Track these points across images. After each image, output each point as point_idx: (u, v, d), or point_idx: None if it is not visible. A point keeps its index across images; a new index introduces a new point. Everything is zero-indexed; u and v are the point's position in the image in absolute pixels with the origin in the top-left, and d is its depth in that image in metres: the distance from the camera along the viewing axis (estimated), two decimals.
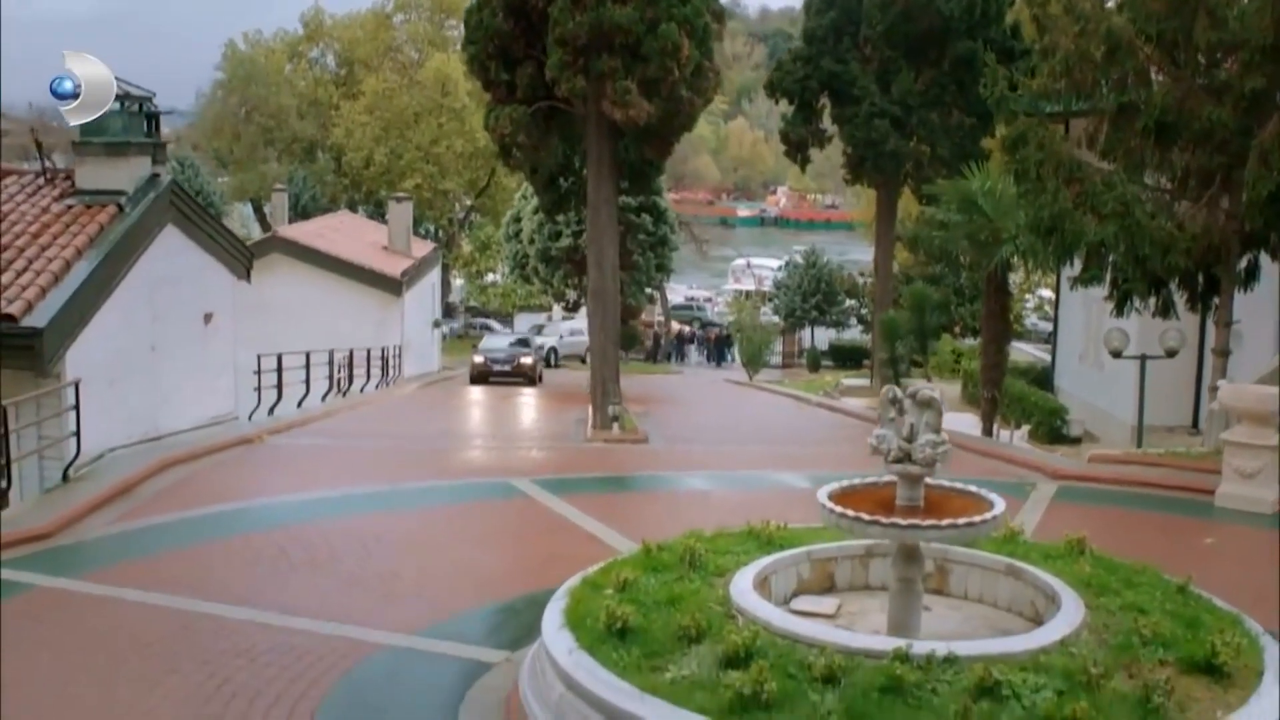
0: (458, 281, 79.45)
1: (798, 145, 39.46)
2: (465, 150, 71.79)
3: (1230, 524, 14.01)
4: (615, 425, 24.12)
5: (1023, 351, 39.68)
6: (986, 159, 30.59)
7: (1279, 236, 18.75)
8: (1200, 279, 19.63)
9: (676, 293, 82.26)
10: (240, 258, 23.57)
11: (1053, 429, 27.78)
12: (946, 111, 36.08)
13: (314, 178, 76.33)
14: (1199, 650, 7.64)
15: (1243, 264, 19.31)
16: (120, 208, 18.69)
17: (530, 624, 9.17)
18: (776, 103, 41.87)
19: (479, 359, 44.15)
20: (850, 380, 45.78)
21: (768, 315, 68.51)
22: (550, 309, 66.01)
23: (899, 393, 8.53)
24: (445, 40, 78.64)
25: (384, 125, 72.90)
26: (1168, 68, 18.62)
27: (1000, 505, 8.43)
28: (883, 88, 36.59)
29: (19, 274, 16.56)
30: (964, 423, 27.15)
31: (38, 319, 15.91)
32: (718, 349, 66.80)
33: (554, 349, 57.78)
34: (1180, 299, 19.99)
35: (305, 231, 47.28)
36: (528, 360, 44.23)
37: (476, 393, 39.09)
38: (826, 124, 39.94)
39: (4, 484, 14.08)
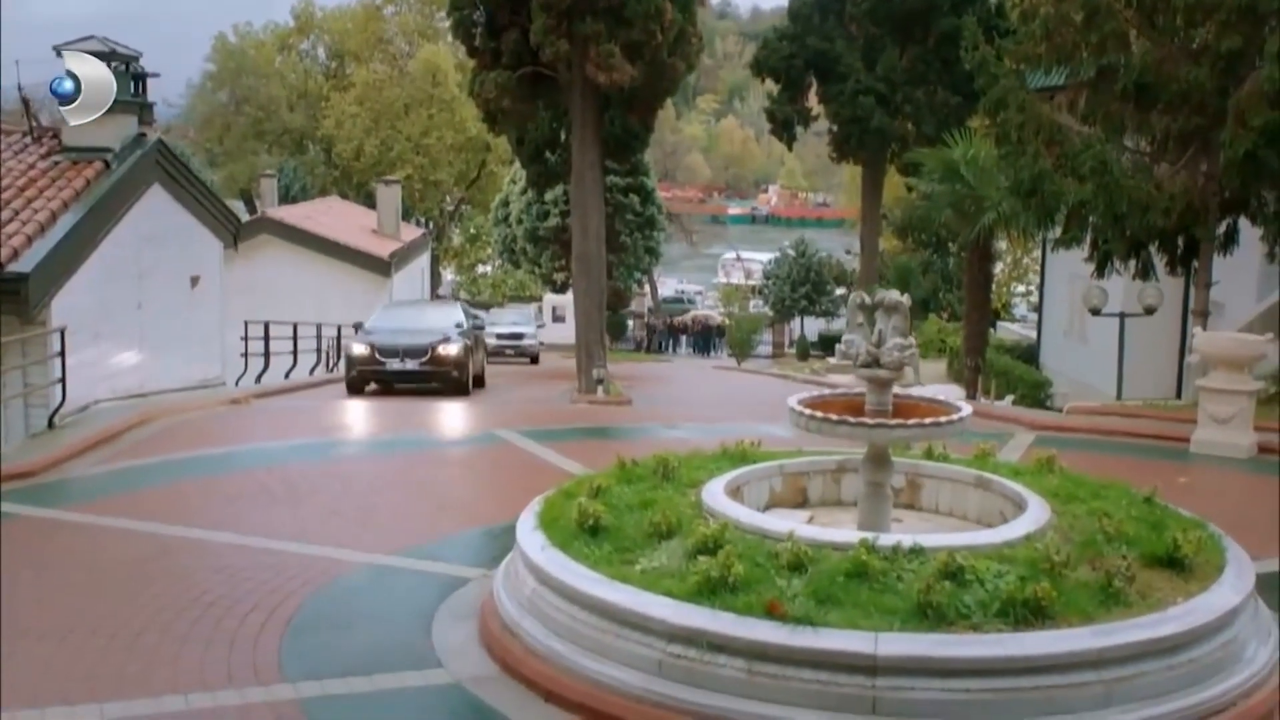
0: (448, 275, 79.54)
1: (784, 123, 39.62)
2: (455, 141, 71.86)
3: (1205, 466, 14.16)
4: (600, 389, 24.28)
5: (1009, 330, 39.90)
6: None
7: (1258, 200, 18.94)
8: (1179, 242, 19.77)
9: (667, 286, 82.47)
10: (227, 225, 23.72)
11: (1037, 401, 27.94)
12: (931, 89, 36.28)
13: (304, 169, 76.37)
14: (1161, 547, 7.77)
15: (1222, 228, 19.47)
16: (107, 164, 18.78)
17: (507, 546, 9.26)
18: (763, 81, 41.98)
19: (359, 349, 26.13)
20: (838, 360, 45.82)
21: (758, 306, 68.71)
22: (540, 299, 65.95)
23: (867, 298, 8.65)
24: (435, 32, 78.68)
25: (374, 117, 72.95)
26: (1146, 30, 18.75)
27: (967, 409, 8.56)
28: (868, 65, 36.77)
29: (5, 224, 16.64)
30: (949, 392, 27.25)
31: (23, 265, 16.02)
32: (705, 339, 66.94)
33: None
34: (1160, 262, 20.14)
35: (294, 214, 47.29)
36: (450, 351, 26.10)
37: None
38: (812, 103, 40.08)
39: None
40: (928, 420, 8.32)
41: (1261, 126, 17.17)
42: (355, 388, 25.69)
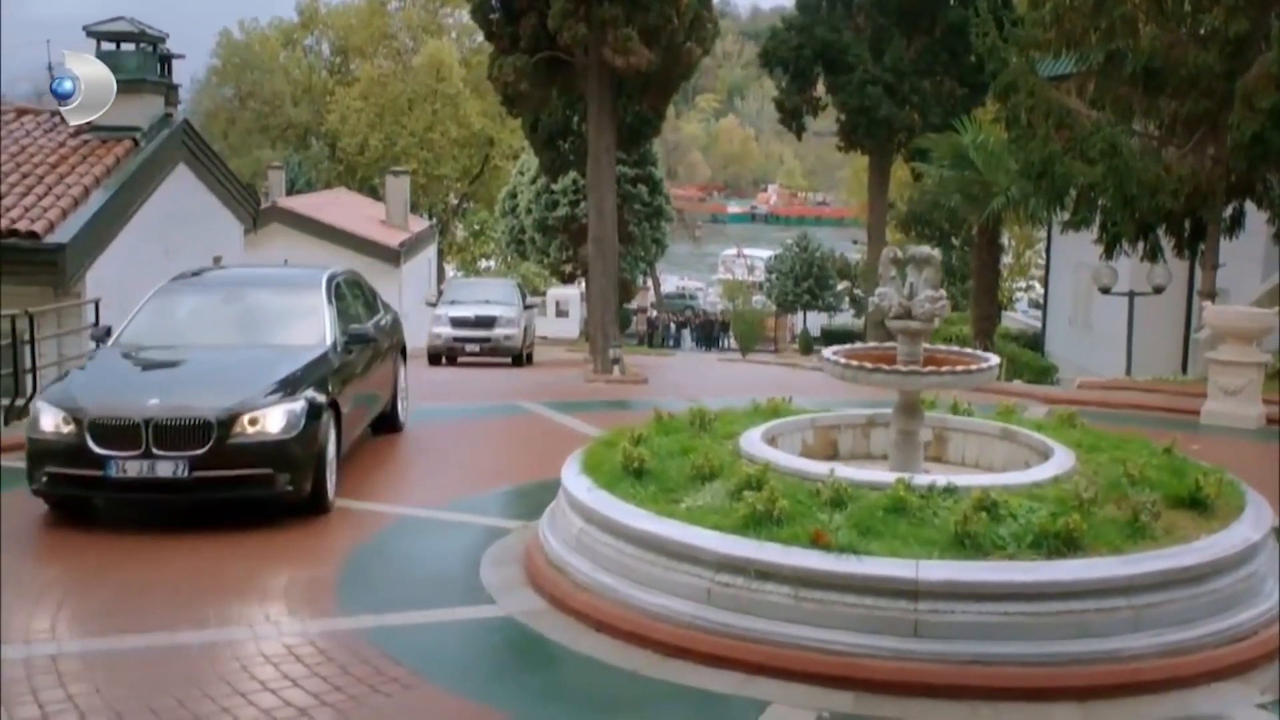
0: (450, 270, 79.75)
1: (792, 113, 39.92)
2: (459, 136, 72.08)
3: (1216, 436, 14.48)
4: (616, 368, 24.56)
5: (1014, 319, 40.23)
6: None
7: (1264, 184, 19.29)
8: (1187, 224, 20.10)
9: (669, 283, 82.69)
10: (247, 206, 24.04)
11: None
12: (938, 80, 36.60)
13: (309, 163, 76.59)
14: (1183, 489, 8.11)
15: (1228, 211, 19.81)
16: (135, 142, 19.13)
17: (543, 502, 9.58)
18: (771, 72, 42.29)
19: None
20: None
21: (760, 301, 68.90)
22: (544, 293, 65.90)
23: (899, 252, 8.99)
24: (439, 27, 79.01)
25: (378, 111, 73.15)
26: (1154, 16, 19.06)
27: (994, 359, 8.92)
28: (875, 55, 37.09)
29: (40, 197, 17.01)
30: None
31: (60, 236, 16.38)
32: (709, 333, 67.20)
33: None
34: (1168, 244, 20.48)
35: (304, 204, 47.59)
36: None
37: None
38: (820, 93, 40.38)
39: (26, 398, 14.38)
40: (959, 368, 8.66)
41: (1269, 110, 17.50)
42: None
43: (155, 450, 9.55)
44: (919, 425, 9.05)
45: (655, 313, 70.48)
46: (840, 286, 66.32)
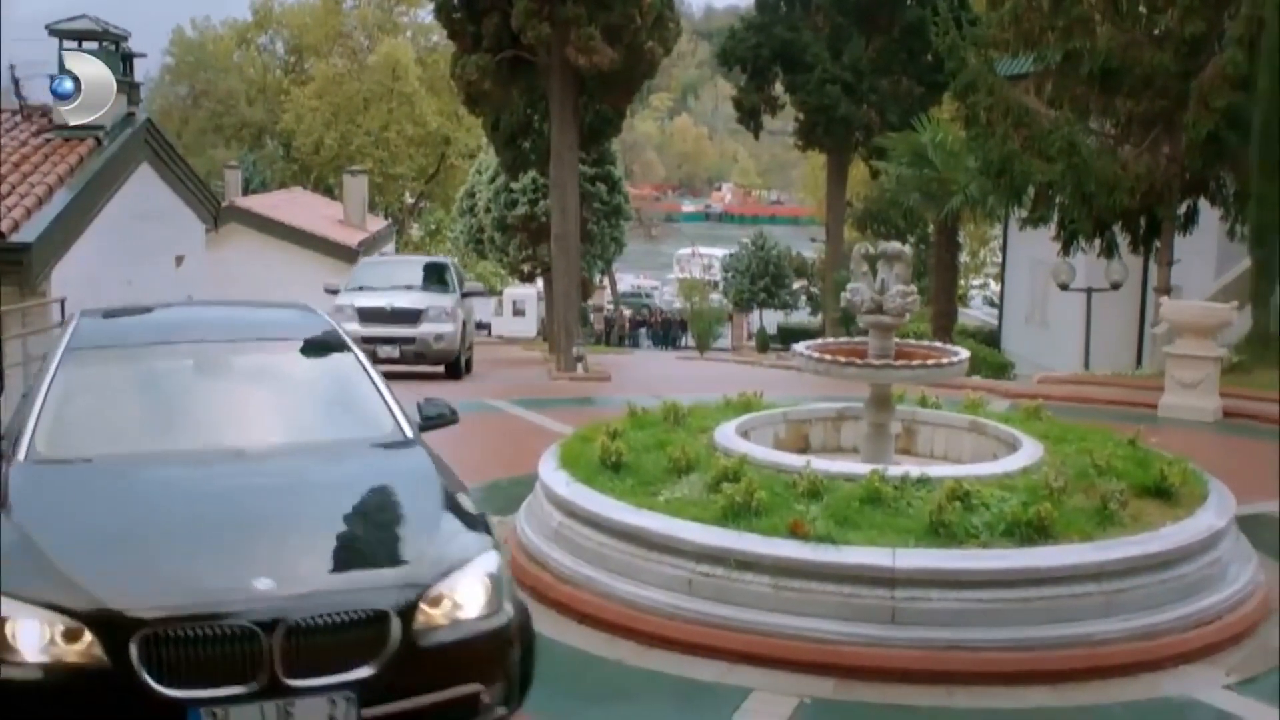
0: None
1: (750, 112, 40.12)
2: (415, 136, 71.91)
3: (1174, 428, 14.72)
4: (580, 366, 24.64)
5: (971, 316, 40.61)
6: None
7: (1217, 182, 19.65)
8: (1143, 221, 20.42)
9: (625, 281, 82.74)
10: (208, 205, 24.00)
11: None
12: (896, 79, 36.85)
13: (263, 162, 76.21)
14: (1149, 478, 8.32)
15: (1183, 208, 20.16)
16: (99, 141, 19.09)
17: (518, 497, 9.66)
18: (729, 71, 42.49)
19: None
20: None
21: (717, 300, 69.12)
22: (501, 294, 65.60)
23: (870, 248, 9.16)
24: (395, 26, 78.81)
25: (333, 110, 72.84)
26: (1111, 16, 19.37)
27: (964, 353, 9.11)
28: (834, 55, 37.29)
29: (4, 197, 16.97)
30: None
31: (25, 235, 16.34)
32: (666, 332, 67.34)
33: None
34: (1124, 241, 20.80)
35: (261, 203, 47.42)
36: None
37: None
38: (778, 92, 40.55)
39: None
40: (929, 362, 8.85)
41: (1223, 109, 17.86)
42: None
43: (288, 679, 5.01)
44: (890, 418, 9.23)
45: (613, 310, 70.60)
46: (797, 285, 66.63)
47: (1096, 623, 7.13)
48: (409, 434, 7.00)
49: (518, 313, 57.68)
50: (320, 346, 7.79)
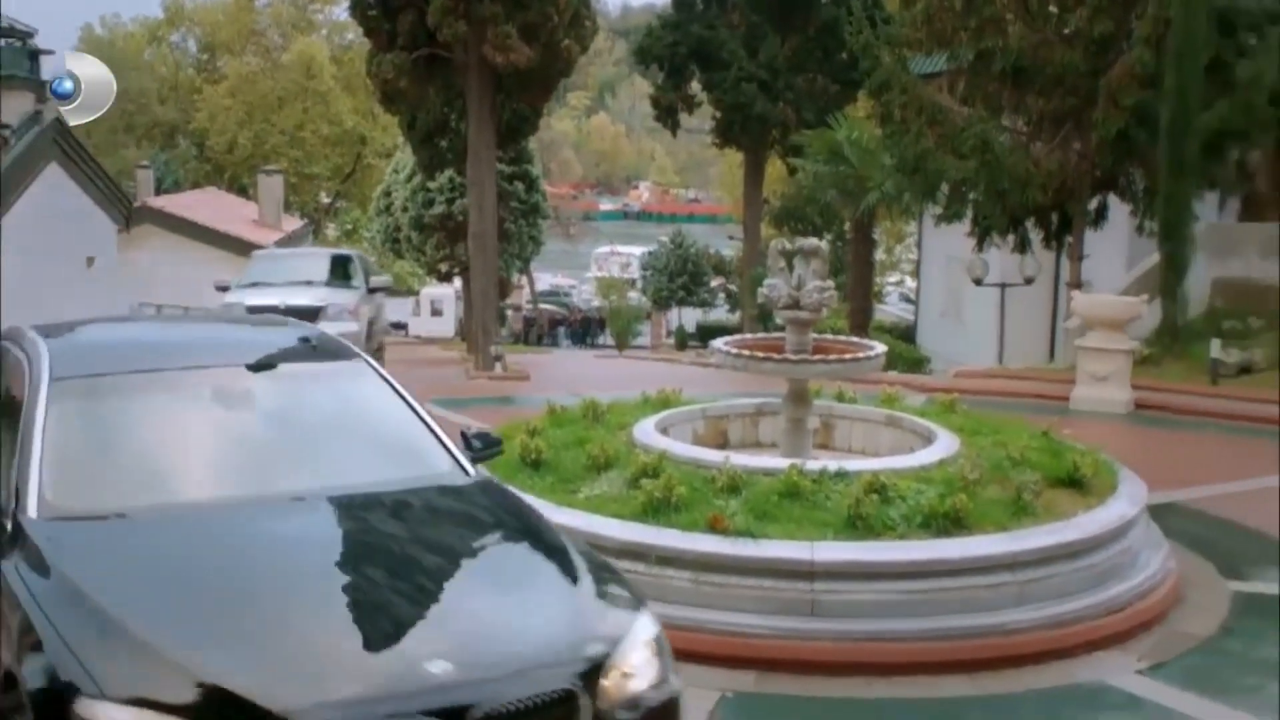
0: None
1: (667, 110, 40.14)
2: (331, 135, 71.29)
3: (1086, 420, 14.97)
4: (498, 365, 24.52)
5: (887, 312, 40.98)
6: None
7: (1127, 178, 20.01)
8: (1054, 217, 20.73)
9: (543, 280, 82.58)
10: (120, 206, 23.66)
11: None
12: (811, 77, 37.03)
13: (176, 162, 75.17)
14: (1062, 469, 8.46)
15: (1094, 204, 20.51)
16: (5, 140, 18.76)
17: None
18: (646, 69, 42.52)
19: None
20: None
21: (636, 298, 69.20)
22: (418, 293, 65.04)
23: (787, 244, 9.22)
24: (310, 24, 78.11)
25: (247, 109, 71.98)
26: (1022, 16, 19.64)
27: (881, 347, 9.19)
28: (750, 53, 37.38)
29: None
30: None
31: None
32: (585, 331, 67.30)
33: None
34: (1036, 237, 21.11)
35: (175, 203, 46.80)
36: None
37: None
38: (695, 90, 40.59)
39: None
40: (846, 356, 8.92)
41: (1132, 107, 18.20)
42: None
43: None
44: (808, 413, 9.29)
45: (531, 309, 70.46)
46: (715, 283, 66.85)
47: (1011, 612, 7.26)
48: (472, 471, 6.11)
49: (435, 312, 57.35)
50: (341, 369, 6.68)
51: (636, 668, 4.68)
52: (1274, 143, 18.81)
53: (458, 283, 49.26)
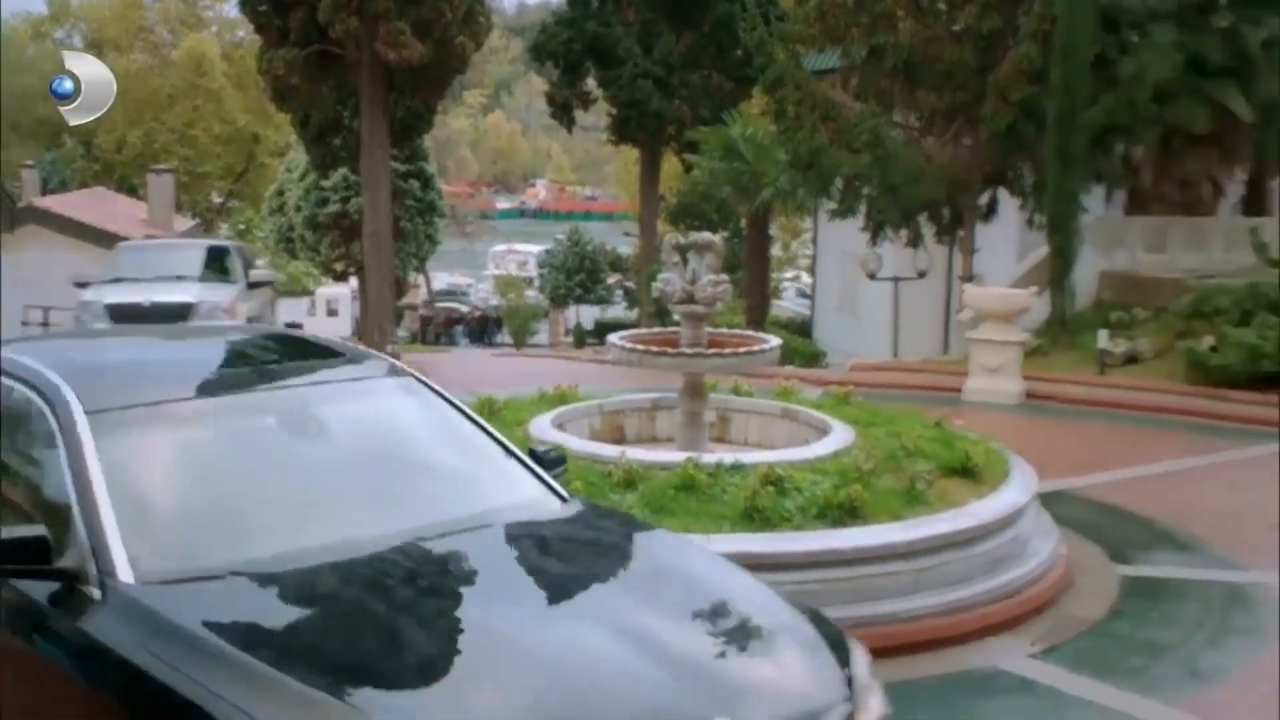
0: None
1: (563, 107, 40.07)
2: (223, 133, 70.26)
3: (978, 410, 15.17)
4: None
5: (783, 307, 41.26)
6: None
7: (1015, 173, 20.35)
8: (946, 212, 21.03)
9: (440, 279, 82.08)
10: (1, 206, 23.08)
11: None
12: (706, 73, 37.15)
13: (63, 162, 73.65)
14: (955, 459, 8.56)
15: (984, 198, 20.84)
16: None
17: None
18: (541, 66, 42.42)
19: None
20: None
21: (533, 296, 69.07)
22: (314, 293, 64.31)
23: (681, 239, 9.23)
24: (200, 20, 76.92)
25: (136, 107, 70.56)
26: (913, 12, 19.91)
27: (775, 340, 9.25)
28: (645, 49, 37.43)
29: None
30: None
31: None
32: (483, 329, 67.05)
33: None
34: (929, 231, 21.39)
35: (62, 204, 45.75)
36: None
37: None
38: (591, 87, 40.55)
39: None
40: (741, 350, 8.95)
41: (1020, 102, 18.53)
42: None
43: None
44: (704, 406, 9.32)
45: (428, 308, 70.05)
46: (612, 280, 66.91)
47: (905, 600, 7.34)
48: (565, 494, 5.54)
49: (331, 312, 56.67)
50: (387, 385, 5.92)
51: (874, 708, 4.39)
52: (1157, 138, 19.24)
53: (354, 282, 48.72)
